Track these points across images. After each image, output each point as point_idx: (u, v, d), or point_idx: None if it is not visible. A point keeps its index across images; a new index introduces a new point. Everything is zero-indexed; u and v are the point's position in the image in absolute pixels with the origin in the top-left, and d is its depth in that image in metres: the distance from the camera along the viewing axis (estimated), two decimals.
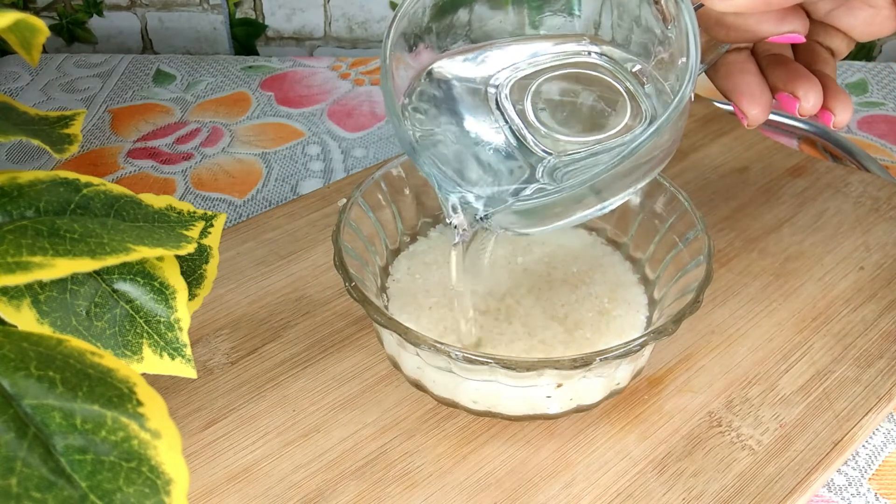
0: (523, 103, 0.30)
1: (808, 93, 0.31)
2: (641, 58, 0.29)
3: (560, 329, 0.34)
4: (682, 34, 0.26)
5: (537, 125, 0.29)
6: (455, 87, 0.30)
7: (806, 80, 0.31)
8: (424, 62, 0.30)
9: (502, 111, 0.30)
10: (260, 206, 0.48)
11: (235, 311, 0.38)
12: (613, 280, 0.36)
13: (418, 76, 0.30)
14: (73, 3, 0.67)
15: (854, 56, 0.68)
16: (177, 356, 0.23)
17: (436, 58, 0.30)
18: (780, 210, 0.44)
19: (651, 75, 0.29)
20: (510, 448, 0.32)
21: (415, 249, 0.38)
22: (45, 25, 0.20)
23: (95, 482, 0.18)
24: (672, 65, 0.28)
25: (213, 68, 0.62)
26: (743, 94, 0.32)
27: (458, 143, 0.30)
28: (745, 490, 0.30)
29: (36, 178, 0.22)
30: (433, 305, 0.35)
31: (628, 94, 0.29)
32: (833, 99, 0.32)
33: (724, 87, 0.33)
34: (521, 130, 0.29)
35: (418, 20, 0.29)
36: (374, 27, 0.68)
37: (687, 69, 0.26)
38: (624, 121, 0.29)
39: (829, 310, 0.38)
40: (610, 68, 0.30)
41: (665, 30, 0.28)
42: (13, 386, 0.18)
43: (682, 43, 0.26)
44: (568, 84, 0.31)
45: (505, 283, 0.36)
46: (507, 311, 0.34)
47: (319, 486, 0.30)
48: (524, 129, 0.29)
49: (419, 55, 0.30)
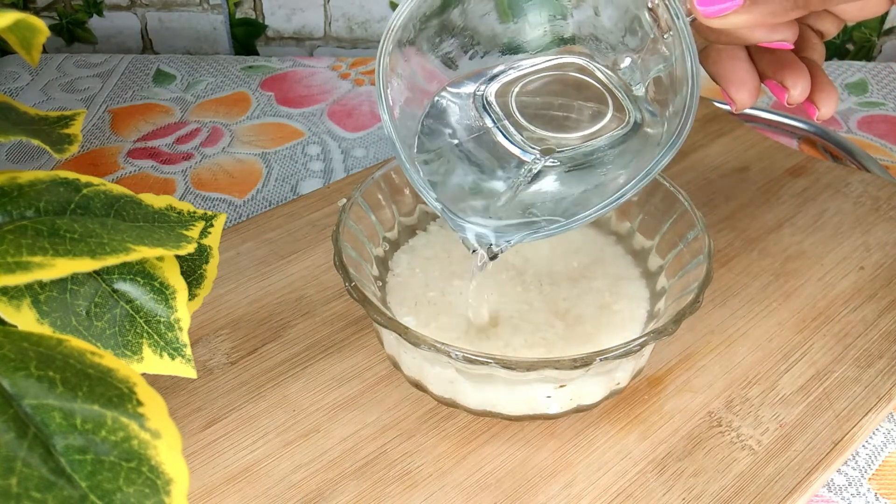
0: (509, 104, 0.30)
1: (797, 82, 0.31)
2: (631, 56, 0.30)
3: (561, 324, 0.34)
4: (677, 44, 0.27)
5: (524, 124, 0.30)
6: (450, 110, 0.31)
7: (794, 69, 0.31)
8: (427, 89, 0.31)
9: (489, 112, 0.30)
10: (260, 206, 0.48)
11: (235, 311, 0.38)
12: (614, 274, 0.36)
13: (420, 115, 0.31)
14: (73, 3, 0.67)
15: (854, 56, 0.68)
16: (177, 356, 0.23)
17: (435, 91, 0.31)
18: (780, 210, 0.44)
19: (640, 72, 0.29)
20: (510, 448, 0.32)
21: (414, 244, 0.38)
22: (45, 25, 0.20)
23: (95, 482, 0.18)
24: (664, 59, 0.28)
25: (213, 68, 0.62)
26: (731, 81, 0.32)
27: (460, 161, 0.30)
28: (745, 490, 0.30)
29: (36, 178, 0.22)
30: (432, 300, 0.35)
31: (612, 97, 0.30)
32: (819, 91, 0.32)
33: (714, 72, 0.33)
34: (509, 129, 0.30)
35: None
36: (374, 27, 0.68)
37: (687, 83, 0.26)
38: (604, 121, 0.29)
39: (829, 310, 0.38)
40: (596, 71, 0.30)
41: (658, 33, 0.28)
42: (13, 386, 0.18)
43: (677, 51, 0.27)
44: (554, 86, 0.31)
45: (506, 278, 0.36)
46: (508, 305, 0.34)
47: (319, 486, 0.30)
48: (512, 128, 0.30)
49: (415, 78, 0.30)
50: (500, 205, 0.30)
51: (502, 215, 0.30)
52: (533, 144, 0.30)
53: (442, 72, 0.30)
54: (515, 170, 0.30)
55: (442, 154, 0.30)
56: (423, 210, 0.38)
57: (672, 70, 0.28)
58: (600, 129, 0.30)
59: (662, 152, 0.27)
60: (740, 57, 0.33)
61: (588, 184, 0.30)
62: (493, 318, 0.34)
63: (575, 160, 0.30)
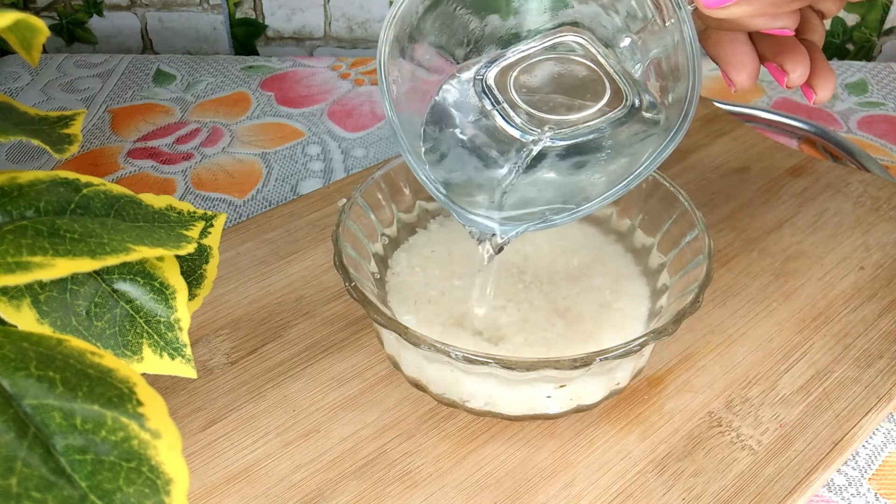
0: (508, 87, 0.30)
1: (796, 66, 0.31)
2: (631, 37, 0.30)
3: (561, 322, 0.33)
4: (678, 32, 0.27)
5: (524, 106, 0.30)
6: (453, 100, 0.31)
7: (794, 52, 0.32)
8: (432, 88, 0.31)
9: (489, 96, 0.30)
10: (260, 206, 0.48)
11: (235, 311, 0.38)
12: (615, 272, 0.36)
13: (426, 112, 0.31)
14: (73, 3, 0.67)
15: (854, 56, 0.68)
16: (177, 356, 0.23)
17: (437, 81, 0.31)
18: (780, 210, 0.44)
19: (640, 52, 0.29)
20: (510, 448, 0.32)
21: (414, 242, 0.38)
22: (45, 25, 0.20)
23: (95, 482, 0.18)
24: (663, 42, 0.28)
25: (213, 68, 0.62)
26: (731, 64, 0.33)
27: (463, 150, 0.30)
28: (745, 490, 0.30)
29: (36, 178, 0.22)
30: (433, 299, 0.35)
31: (609, 80, 0.30)
32: (817, 76, 0.32)
33: (714, 54, 0.33)
34: (509, 112, 0.30)
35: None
36: (374, 27, 0.68)
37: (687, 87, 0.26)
38: (603, 103, 0.30)
39: (829, 310, 0.38)
40: (595, 52, 0.30)
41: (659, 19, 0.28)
42: (13, 386, 0.18)
43: (677, 39, 0.27)
44: (552, 68, 0.31)
45: (506, 276, 0.36)
46: (508, 303, 0.34)
47: (319, 486, 0.30)
48: (511, 111, 0.30)
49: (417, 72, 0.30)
50: (504, 194, 0.30)
51: (506, 206, 0.30)
52: (532, 126, 0.30)
53: (444, 62, 0.30)
54: (517, 154, 0.30)
55: (445, 144, 0.30)
56: (423, 207, 0.38)
57: (672, 56, 0.28)
58: (598, 110, 0.30)
59: (670, 137, 0.27)
60: (740, 39, 0.33)
61: (589, 172, 0.30)
62: (494, 320, 0.34)
63: (574, 137, 0.30)
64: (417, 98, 0.30)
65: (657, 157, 0.27)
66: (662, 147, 0.27)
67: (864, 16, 0.66)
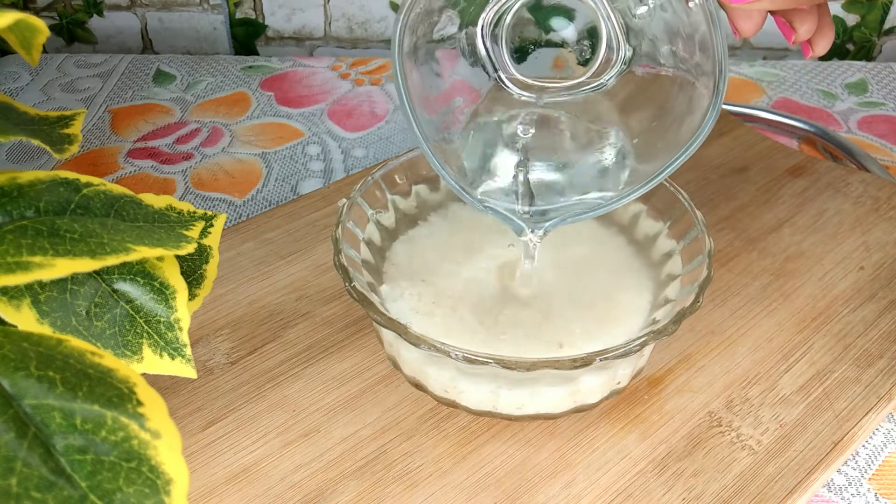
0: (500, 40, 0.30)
1: (804, 21, 0.32)
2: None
3: (563, 314, 0.33)
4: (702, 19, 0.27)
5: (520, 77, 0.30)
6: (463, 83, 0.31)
7: (803, 8, 0.32)
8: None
9: (487, 50, 0.30)
10: (260, 206, 0.48)
11: (235, 311, 0.38)
12: (617, 264, 0.36)
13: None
14: (73, 3, 0.67)
15: (854, 56, 0.68)
16: (177, 356, 0.23)
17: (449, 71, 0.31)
18: (780, 210, 0.44)
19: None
20: (510, 448, 0.32)
21: (413, 234, 0.38)
22: (45, 25, 0.20)
23: (95, 482, 0.18)
24: None
25: (213, 68, 0.62)
26: (739, 13, 0.33)
27: (476, 133, 0.31)
28: (745, 490, 0.30)
29: (36, 178, 0.22)
30: (431, 291, 0.34)
31: (606, 34, 0.30)
32: (818, 32, 0.32)
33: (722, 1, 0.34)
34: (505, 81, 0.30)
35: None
36: (374, 27, 0.68)
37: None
38: (597, 63, 0.30)
39: (829, 310, 0.38)
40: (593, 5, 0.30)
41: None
42: (13, 386, 0.18)
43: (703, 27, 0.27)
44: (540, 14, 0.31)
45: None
46: (510, 295, 0.34)
47: (319, 486, 0.30)
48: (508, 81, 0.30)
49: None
50: (527, 174, 0.30)
51: (535, 197, 0.31)
52: (531, 93, 0.30)
53: (458, 53, 0.31)
54: (522, 127, 0.30)
55: (462, 136, 0.31)
56: (422, 199, 0.38)
57: (691, 31, 0.28)
58: (596, 70, 0.30)
59: (710, 115, 0.29)
60: None
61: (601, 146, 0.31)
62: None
63: (572, 93, 0.30)
64: (434, 91, 0.31)
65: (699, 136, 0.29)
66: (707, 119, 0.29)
67: (864, 16, 0.66)
